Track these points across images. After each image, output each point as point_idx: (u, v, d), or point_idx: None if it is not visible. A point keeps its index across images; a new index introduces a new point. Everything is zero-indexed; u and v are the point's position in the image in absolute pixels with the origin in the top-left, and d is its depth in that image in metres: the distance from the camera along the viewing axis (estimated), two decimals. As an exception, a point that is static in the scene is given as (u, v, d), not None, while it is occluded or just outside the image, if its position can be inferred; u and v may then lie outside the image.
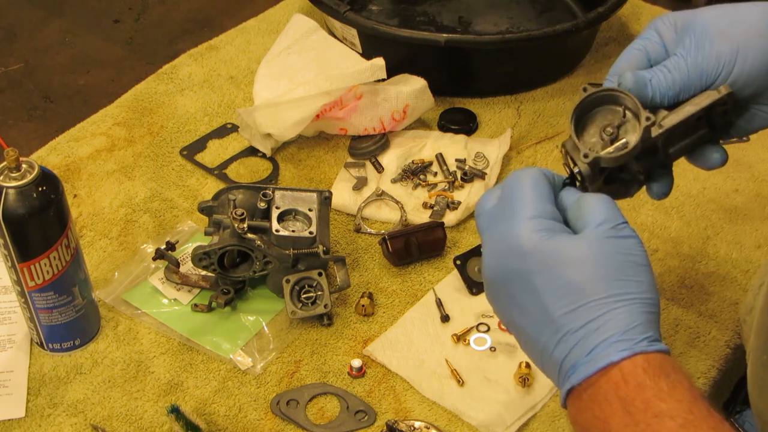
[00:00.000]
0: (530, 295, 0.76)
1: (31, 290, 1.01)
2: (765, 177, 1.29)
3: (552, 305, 0.74)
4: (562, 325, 0.74)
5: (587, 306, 0.73)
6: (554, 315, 0.74)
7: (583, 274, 0.74)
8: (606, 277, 0.74)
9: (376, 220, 1.24)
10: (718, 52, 0.82)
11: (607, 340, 0.72)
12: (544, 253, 0.75)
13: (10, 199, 0.95)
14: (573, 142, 0.83)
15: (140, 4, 1.68)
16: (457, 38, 1.35)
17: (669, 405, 0.69)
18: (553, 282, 0.74)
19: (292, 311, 1.08)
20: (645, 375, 0.71)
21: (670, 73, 0.83)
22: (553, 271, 0.74)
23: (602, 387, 0.72)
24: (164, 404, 1.01)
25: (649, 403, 0.70)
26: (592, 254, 0.74)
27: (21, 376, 1.05)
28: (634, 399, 0.70)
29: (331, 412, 1.02)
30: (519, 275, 0.76)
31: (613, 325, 0.72)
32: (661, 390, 0.70)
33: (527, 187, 0.79)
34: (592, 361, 0.72)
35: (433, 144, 1.32)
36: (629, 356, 0.71)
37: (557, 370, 0.75)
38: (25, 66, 1.55)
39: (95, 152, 1.34)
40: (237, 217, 1.04)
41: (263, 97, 1.32)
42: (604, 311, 0.73)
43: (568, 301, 0.74)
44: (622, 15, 1.57)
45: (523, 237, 0.76)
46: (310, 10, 1.49)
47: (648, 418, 0.69)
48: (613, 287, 0.73)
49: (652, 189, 0.88)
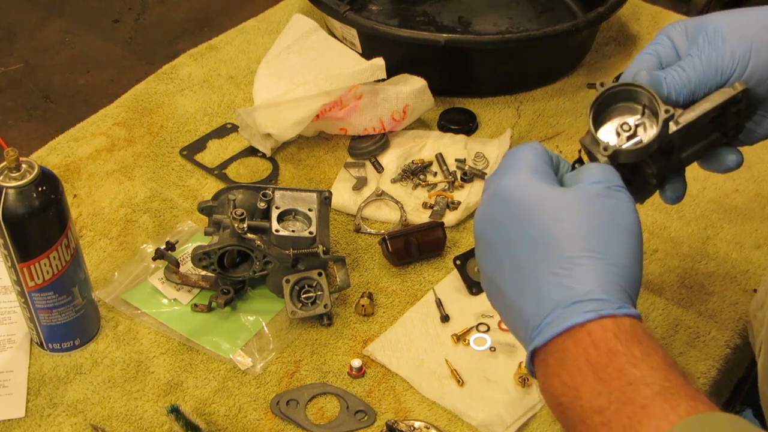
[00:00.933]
0: (507, 245, 0.73)
1: (31, 290, 1.01)
2: (765, 177, 1.29)
3: (523, 256, 0.72)
4: (531, 279, 0.71)
5: (557, 260, 0.70)
6: (525, 267, 0.72)
7: (559, 226, 0.71)
8: (582, 234, 0.71)
9: (376, 220, 1.24)
10: (732, 49, 0.81)
11: (572, 299, 0.69)
12: (524, 199, 0.73)
13: (10, 199, 0.95)
14: (591, 137, 0.82)
15: (140, 4, 1.68)
16: (457, 38, 1.35)
17: (643, 372, 0.67)
18: (527, 230, 0.72)
19: (291, 311, 1.08)
20: (616, 340, 0.68)
21: (685, 72, 0.82)
22: (530, 219, 0.72)
23: (570, 351, 0.69)
24: (164, 404, 1.01)
25: (623, 369, 0.67)
26: (573, 207, 0.72)
27: (21, 376, 1.05)
28: (606, 365, 0.67)
29: (331, 412, 1.02)
30: (500, 224, 0.74)
31: (581, 284, 0.69)
32: (635, 356, 0.67)
33: (524, 151, 0.78)
34: (556, 321, 0.69)
35: (433, 144, 1.32)
36: (595, 318, 0.68)
37: (525, 330, 0.72)
38: (25, 66, 1.55)
39: (95, 152, 1.34)
40: (237, 217, 1.04)
41: (263, 97, 1.32)
42: (573, 267, 0.70)
43: (539, 253, 0.71)
44: (622, 15, 1.57)
45: (507, 185, 0.75)
46: (310, 10, 1.49)
47: (622, 385, 0.66)
48: (588, 244, 0.71)
49: (666, 193, 0.88)
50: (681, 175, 0.88)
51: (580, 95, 1.44)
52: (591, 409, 0.67)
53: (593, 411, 0.67)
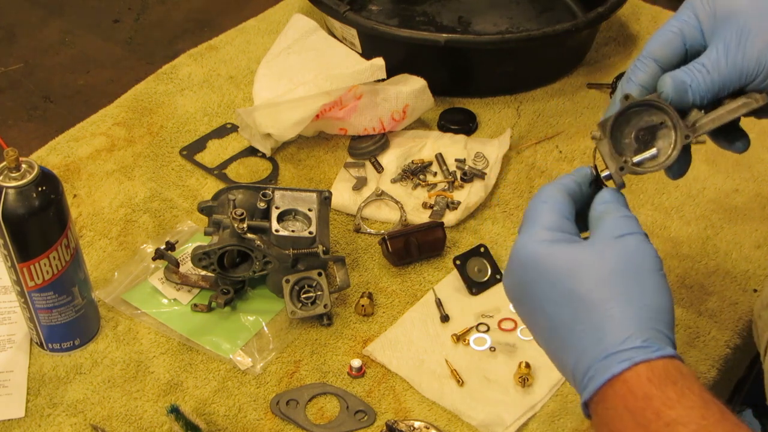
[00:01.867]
0: (535, 304, 0.76)
1: (31, 290, 1.01)
2: (765, 177, 1.29)
3: (554, 315, 0.74)
4: (567, 336, 0.74)
5: (585, 316, 0.73)
6: (558, 325, 0.74)
7: (582, 280, 0.74)
8: (605, 282, 0.73)
9: (376, 220, 1.24)
10: (760, 54, 0.80)
11: (607, 352, 0.72)
12: (543, 262, 0.75)
13: (10, 199, 0.95)
14: (609, 150, 0.82)
15: (140, 4, 1.68)
16: (457, 38, 1.35)
17: (679, 412, 0.69)
18: (553, 292, 0.74)
19: (291, 311, 1.08)
20: (650, 385, 0.70)
21: (710, 74, 0.81)
22: (553, 280, 0.75)
23: (611, 400, 0.71)
24: (164, 404, 1.01)
25: (659, 412, 0.69)
26: (593, 260, 0.74)
27: (21, 376, 1.05)
28: (644, 410, 0.70)
29: (331, 412, 1.02)
30: (523, 285, 0.77)
31: (613, 335, 0.72)
32: (670, 398, 0.70)
33: (541, 203, 0.80)
34: (596, 375, 0.72)
35: (433, 144, 1.32)
36: (629, 367, 0.71)
37: (574, 380, 0.75)
38: (25, 66, 1.54)
39: (95, 152, 1.34)
40: (237, 217, 1.04)
41: (263, 97, 1.32)
42: (603, 320, 0.72)
43: (567, 311, 0.73)
44: (622, 15, 1.57)
45: (525, 249, 0.77)
46: (310, 10, 1.49)
47: (659, 427, 0.69)
48: (613, 292, 0.73)
49: (672, 169, 0.88)
50: (687, 151, 0.88)
51: (580, 95, 1.44)
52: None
53: None
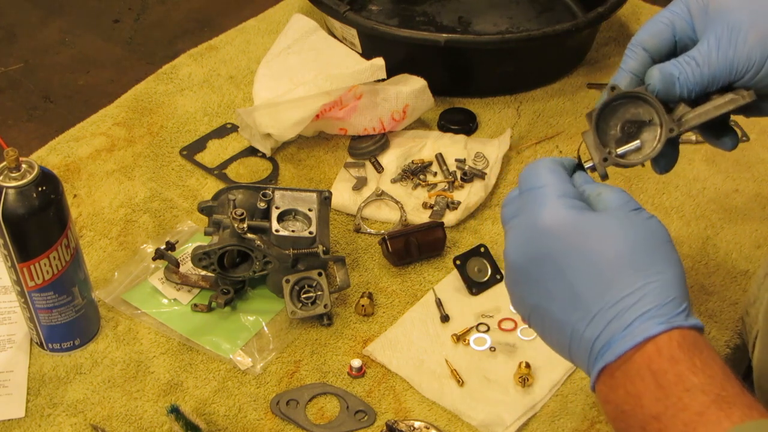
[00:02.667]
0: (558, 276, 0.74)
1: (31, 290, 1.01)
2: (765, 177, 1.29)
3: (582, 285, 0.73)
4: (594, 304, 0.73)
5: (621, 282, 0.72)
6: (584, 295, 0.73)
7: (613, 250, 0.73)
8: (637, 252, 0.73)
9: (376, 220, 1.24)
10: (750, 50, 0.80)
11: (645, 314, 0.71)
12: (573, 230, 0.74)
13: (10, 199, 0.95)
14: (593, 141, 0.83)
15: (140, 4, 1.68)
16: (457, 38, 1.35)
17: (701, 379, 0.69)
18: (582, 261, 0.73)
19: (291, 311, 1.08)
20: (679, 349, 0.70)
21: (699, 68, 0.81)
22: (582, 249, 0.74)
23: (636, 362, 0.71)
24: (164, 404, 1.01)
25: (682, 376, 0.69)
26: (620, 231, 0.74)
27: (21, 376, 1.05)
28: (666, 372, 0.69)
29: (331, 412, 1.02)
30: (546, 257, 0.75)
31: (651, 299, 0.71)
32: (695, 365, 0.69)
33: (547, 172, 0.79)
34: (629, 336, 0.71)
35: (433, 144, 1.32)
36: (667, 330, 0.70)
37: (588, 351, 0.74)
38: (25, 66, 1.54)
39: (95, 152, 1.34)
40: (237, 217, 1.04)
41: (263, 97, 1.32)
42: (640, 285, 0.72)
43: (599, 279, 0.73)
44: (622, 15, 1.57)
45: (552, 216, 0.75)
46: (310, 10, 1.49)
47: (679, 391, 0.69)
48: (646, 262, 0.73)
49: (659, 164, 0.88)
50: (675, 146, 0.88)
51: (580, 95, 1.44)
52: (650, 415, 0.70)
53: (652, 417, 0.70)
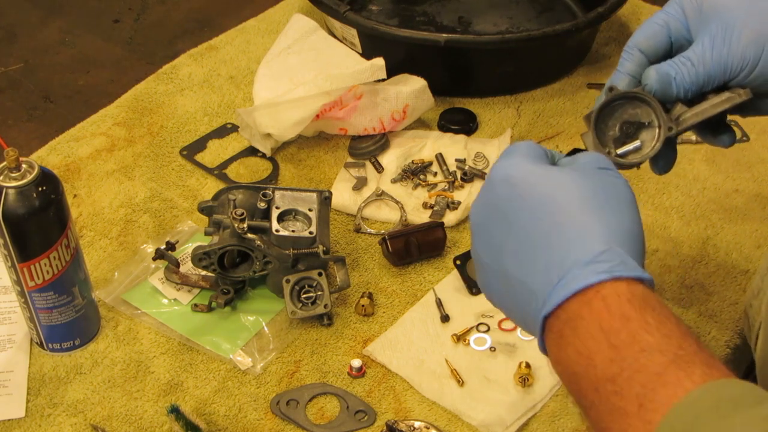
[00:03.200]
0: (506, 225, 0.72)
1: (31, 290, 1.01)
2: (765, 177, 1.29)
3: (528, 230, 0.70)
4: (539, 251, 0.69)
5: (565, 226, 0.69)
6: (529, 241, 0.70)
7: (562, 195, 0.70)
8: (587, 200, 0.70)
9: (376, 220, 1.24)
10: (744, 50, 0.81)
11: (583, 260, 0.67)
12: (522, 177, 0.73)
13: (10, 199, 0.95)
14: (593, 141, 0.83)
15: (140, 4, 1.68)
16: (457, 38, 1.35)
17: (657, 339, 0.64)
18: (528, 206, 0.71)
19: (292, 311, 1.08)
20: (630, 306, 0.65)
21: (694, 68, 0.82)
22: (530, 193, 0.71)
23: (584, 318, 0.67)
24: (164, 404, 1.01)
25: (636, 335, 0.65)
26: (575, 182, 0.71)
27: (21, 376, 1.05)
28: (619, 331, 0.65)
29: (331, 412, 1.02)
30: (496, 206, 0.73)
31: (593, 245, 0.68)
32: (648, 323, 0.65)
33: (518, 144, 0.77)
34: (567, 283, 0.67)
35: (433, 144, 1.32)
36: (608, 279, 0.66)
37: (535, 303, 0.70)
38: (25, 66, 1.54)
39: (95, 152, 1.34)
40: (237, 217, 1.04)
41: (263, 97, 1.32)
42: (581, 232, 0.69)
43: (544, 223, 0.70)
44: (622, 15, 1.57)
45: (502, 168, 0.74)
46: (310, 10, 1.49)
47: (635, 352, 0.64)
48: (594, 209, 0.70)
49: (658, 164, 0.88)
50: (673, 146, 0.88)
51: (580, 95, 1.44)
52: (604, 377, 0.65)
53: (606, 379, 0.65)
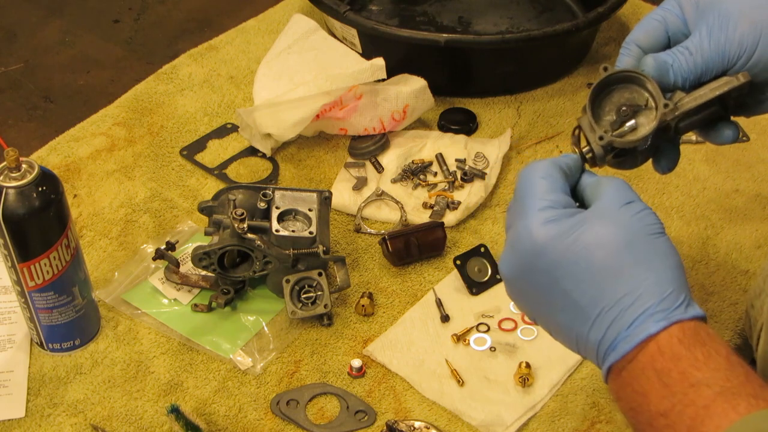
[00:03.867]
0: (554, 288, 0.74)
1: (31, 290, 1.01)
2: (765, 177, 1.29)
3: (578, 294, 0.73)
4: (592, 310, 0.73)
5: (615, 284, 0.72)
6: (582, 302, 0.73)
7: (602, 253, 0.73)
8: (627, 251, 0.73)
9: (376, 220, 1.24)
10: (741, 36, 0.81)
11: (645, 313, 0.71)
12: (559, 243, 0.74)
13: (10, 199, 0.95)
14: (589, 122, 0.82)
15: (140, 4, 1.68)
16: (457, 38, 1.35)
17: (705, 374, 0.69)
18: (573, 270, 0.73)
19: (292, 311, 1.08)
20: (680, 345, 0.70)
21: (692, 56, 0.82)
22: (571, 259, 0.73)
23: (640, 361, 0.71)
24: (164, 404, 1.01)
25: (685, 373, 0.69)
26: (607, 232, 0.73)
27: (21, 376, 1.05)
28: (670, 370, 0.70)
29: (331, 412, 1.02)
30: (538, 271, 0.75)
31: (647, 296, 0.71)
32: (697, 359, 0.69)
33: (536, 179, 0.78)
34: (630, 336, 0.71)
35: (433, 144, 1.32)
36: (666, 326, 0.70)
37: (594, 352, 0.74)
38: (25, 66, 1.54)
39: (95, 152, 1.34)
40: (237, 217, 1.04)
41: (263, 97, 1.32)
42: (636, 284, 0.72)
43: (593, 285, 0.73)
44: (622, 15, 1.57)
45: (535, 231, 0.75)
46: (310, 10, 1.49)
47: (684, 388, 0.69)
48: (638, 259, 0.72)
49: (660, 163, 0.88)
50: (676, 145, 0.88)
51: (580, 95, 1.44)
52: (657, 412, 0.70)
53: (659, 414, 0.70)
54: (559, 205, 0.76)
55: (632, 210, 0.75)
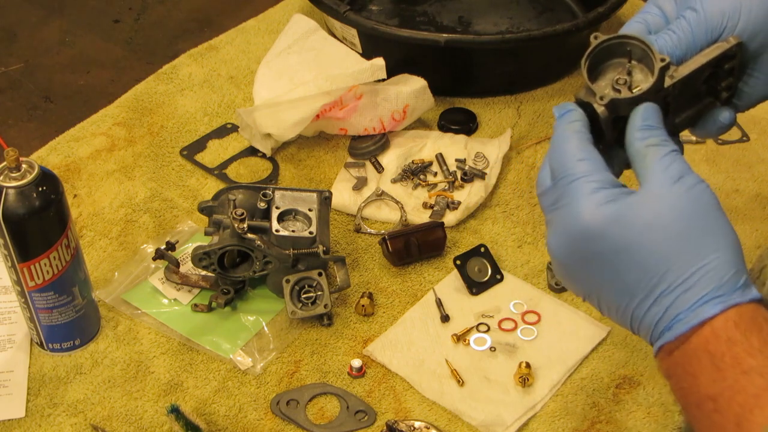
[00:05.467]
0: (612, 272, 0.73)
1: (31, 290, 1.01)
2: (765, 177, 1.29)
3: (638, 278, 0.72)
4: (651, 292, 0.72)
5: (677, 267, 0.71)
6: (641, 285, 0.72)
7: (661, 237, 0.72)
8: (686, 234, 0.71)
9: (376, 220, 1.24)
10: (722, 7, 0.81)
11: (704, 297, 0.70)
12: (616, 227, 0.72)
13: (10, 199, 0.95)
14: (587, 88, 0.81)
15: (140, 4, 1.68)
16: (457, 38, 1.35)
17: (759, 361, 0.68)
18: (631, 255, 0.72)
19: (292, 311, 1.08)
20: (736, 329, 0.69)
21: (675, 34, 0.82)
22: (630, 244, 0.72)
23: (692, 342, 0.70)
24: (164, 404, 1.01)
25: (738, 358, 0.68)
26: (664, 215, 0.72)
27: (21, 376, 1.05)
28: (724, 354, 0.69)
29: (331, 412, 1.02)
30: (595, 256, 0.74)
31: (708, 280, 0.71)
32: (752, 345, 0.68)
33: (576, 156, 0.76)
34: (687, 319, 0.70)
35: (433, 144, 1.32)
36: (724, 310, 0.70)
37: (649, 332, 0.73)
38: (25, 66, 1.54)
39: (95, 152, 1.34)
40: (237, 217, 1.04)
41: (263, 97, 1.32)
42: (697, 267, 0.71)
43: (654, 269, 0.72)
44: (622, 15, 1.57)
45: (590, 217, 0.73)
46: (310, 10, 1.49)
47: (736, 374, 0.68)
48: (698, 242, 0.71)
49: None
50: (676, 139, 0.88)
51: (580, 95, 1.43)
52: (706, 395, 0.69)
53: (708, 398, 0.69)
54: (608, 184, 0.74)
55: (685, 185, 0.73)
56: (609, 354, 1.07)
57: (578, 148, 0.76)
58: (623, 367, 1.05)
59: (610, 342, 1.08)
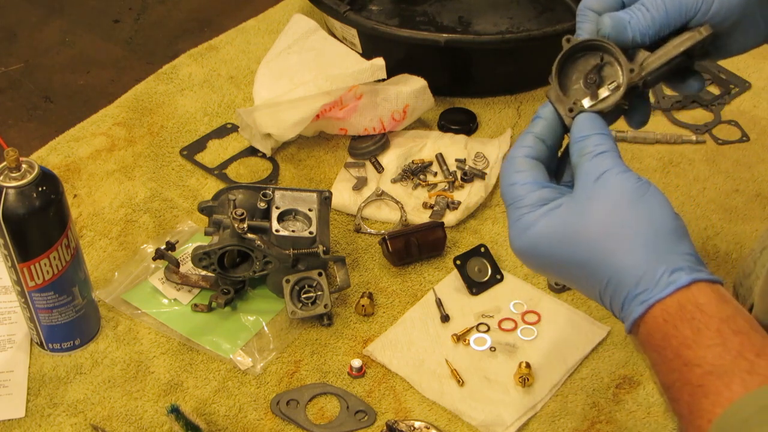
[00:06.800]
0: (558, 270, 0.77)
1: (31, 290, 1.01)
2: (765, 177, 1.29)
3: (584, 282, 0.75)
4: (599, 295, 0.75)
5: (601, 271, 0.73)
6: (590, 289, 0.75)
7: (581, 243, 0.74)
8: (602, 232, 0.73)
9: (376, 220, 1.24)
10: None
11: (627, 298, 0.72)
12: (538, 247, 0.76)
13: (10, 199, 0.95)
14: (556, 94, 0.83)
15: (140, 4, 1.68)
16: (457, 38, 1.35)
17: (695, 352, 0.69)
18: (561, 264, 0.76)
19: (292, 311, 1.08)
20: (666, 324, 0.71)
21: (649, 12, 0.81)
22: (556, 256, 0.76)
23: (640, 337, 0.73)
24: (164, 404, 1.01)
25: (677, 351, 0.70)
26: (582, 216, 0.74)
27: (21, 376, 1.05)
28: (665, 348, 0.71)
29: (331, 412, 1.02)
30: (540, 267, 0.79)
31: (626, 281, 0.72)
32: (686, 337, 0.70)
33: (509, 180, 0.79)
34: (625, 317, 0.73)
35: (433, 144, 1.32)
36: (647, 309, 0.71)
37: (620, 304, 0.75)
38: (25, 66, 1.54)
39: (95, 152, 1.34)
40: (237, 217, 1.04)
41: (263, 97, 1.32)
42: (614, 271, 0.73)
43: (583, 274, 0.75)
44: (622, 15, 1.57)
45: (519, 243, 0.78)
46: (310, 10, 1.49)
47: (679, 366, 0.70)
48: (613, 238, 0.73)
49: (633, 118, 0.88)
50: (645, 99, 0.88)
51: (580, 95, 1.43)
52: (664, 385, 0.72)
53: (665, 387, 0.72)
54: (537, 204, 0.77)
55: (605, 183, 0.75)
56: (609, 354, 1.07)
57: (515, 170, 0.80)
58: (623, 367, 1.05)
59: (610, 342, 1.08)
